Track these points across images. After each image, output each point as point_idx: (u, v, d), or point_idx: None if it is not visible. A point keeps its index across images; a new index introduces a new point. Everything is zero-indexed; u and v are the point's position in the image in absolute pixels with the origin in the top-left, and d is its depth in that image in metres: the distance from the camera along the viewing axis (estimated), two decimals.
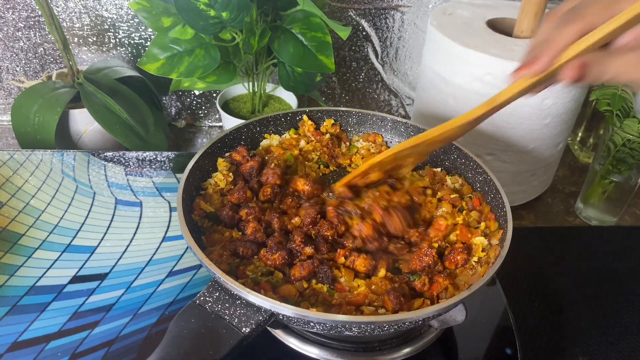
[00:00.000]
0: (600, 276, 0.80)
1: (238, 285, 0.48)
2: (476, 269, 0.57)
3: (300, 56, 0.86)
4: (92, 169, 0.85)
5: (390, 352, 0.59)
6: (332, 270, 0.56)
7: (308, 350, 0.59)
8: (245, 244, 0.59)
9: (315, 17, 0.85)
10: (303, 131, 0.77)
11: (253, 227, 0.61)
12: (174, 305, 0.65)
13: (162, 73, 0.85)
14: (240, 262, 0.57)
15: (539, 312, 0.73)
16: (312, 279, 0.56)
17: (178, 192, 0.60)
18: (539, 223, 0.93)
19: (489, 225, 0.62)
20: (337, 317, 0.47)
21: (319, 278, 0.56)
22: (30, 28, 1.03)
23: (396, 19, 1.06)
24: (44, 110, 0.90)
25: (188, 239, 0.54)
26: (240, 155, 0.70)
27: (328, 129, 0.78)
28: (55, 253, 0.70)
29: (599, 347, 0.69)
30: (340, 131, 0.79)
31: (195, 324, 0.48)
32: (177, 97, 1.13)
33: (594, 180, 0.89)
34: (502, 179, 0.65)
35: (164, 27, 0.84)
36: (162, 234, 0.74)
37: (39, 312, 0.62)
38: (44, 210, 0.76)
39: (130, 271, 0.68)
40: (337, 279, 0.56)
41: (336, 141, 0.77)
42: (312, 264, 0.56)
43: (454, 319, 0.56)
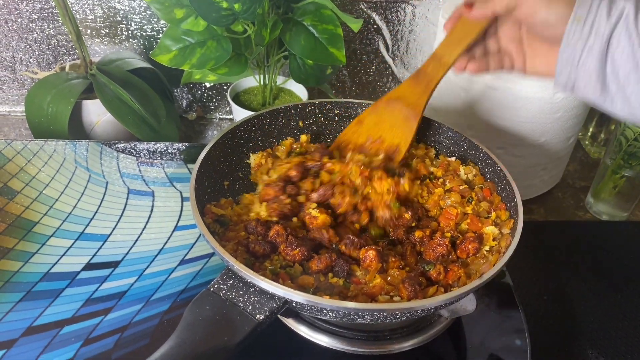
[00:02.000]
0: (610, 271, 0.80)
1: (251, 272, 0.49)
2: (487, 259, 0.57)
3: (311, 48, 0.86)
4: (105, 159, 0.85)
5: (400, 341, 0.60)
6: (349, 265, 0.56)
7: (319, 338, 0.60)
8: (261, 243, 0.58)
9: (326, 9, 0.85)
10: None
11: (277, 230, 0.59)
12: (186, 292, 0.65)
13: (174, 64, 0.85)
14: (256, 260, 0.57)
15: (548, 306, 0.73)
16: (329, 273, 0.56)
17: (190, 182, 0.60)
18: (549, 217, 0.93)
19: (499, 215, 0.62)
20: (349, 305, 0.48)
21: (335, 271, 0.56)
22: (44, 20, 1.04)
23: (407, 12, 1.06)
24: (57, 101, 0.91)
25: (201, 227, 0.54)
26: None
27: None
28: (68, 241, 0.71)
29: (608, 341, 0.69)
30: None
31: (209, 311, 0.48)
32: (188, 90, 1.14)
33: (605, 174, 0.88)
34: (513, 173, 0.65)
35: (177, 19, 0.84)
36: (174, 223, 0.75)
37: (53, 298, 0.63)
38: (57, 199, 0.77)
39: (143, 259, 0.69)
40: (354, 273, 0.56)
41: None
42: (330, 257, 0.56)
43: (465, 308, 0.56)
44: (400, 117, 0.68)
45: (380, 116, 0.69)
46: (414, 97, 0.67)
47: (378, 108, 0.70)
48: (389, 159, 0.68)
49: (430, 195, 0.67)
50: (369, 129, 0.70)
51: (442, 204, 0.65)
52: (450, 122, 0.75)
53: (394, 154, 0.68)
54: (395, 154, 0.68)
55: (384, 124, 0.69)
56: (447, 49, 0.63)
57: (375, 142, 0.69)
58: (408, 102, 0.68)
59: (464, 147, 0.72)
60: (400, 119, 0.68)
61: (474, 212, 0.63)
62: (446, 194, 0.67)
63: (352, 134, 0.71)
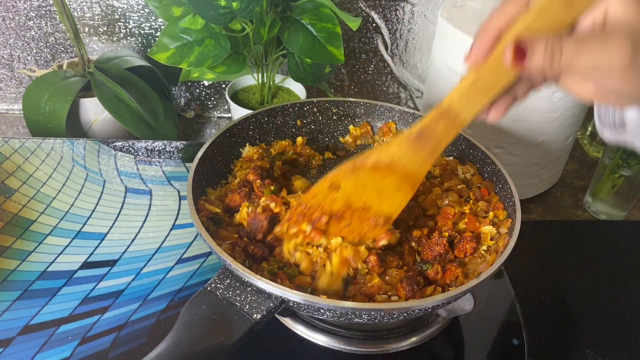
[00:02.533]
0: (608, 270, 0.80)
1: (249, 272, 0.49)
2: (485, 258, 0.57)
3: (309, 47, 0.86)
4: (102, 158, 0.85)
5: (397, 341, 0.60)
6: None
7: (316, 337, 0.60)
8: (259, 245, 0.58)
9: (325, 7, 0.85)
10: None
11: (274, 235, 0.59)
12: (183, 292, 0.65)
13: (172, 63, 0.85)
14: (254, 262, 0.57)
15: (546, 305, 0.73)
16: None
17: (188, 181, 0.60)
18: (547, 217, 0.92)
19: (497, 215, 0.62)
20: (346, 304, 0.48)
21: None
22: (42, 17, 1.04)
23: (406, 10, 1.06)
24: (55, 99, 0.91)
25: (199, 227, 0.54)
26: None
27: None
28: (65, 239, 0.71)
29: (606, 340, 0.69)
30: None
31: (206, 310, 0.48)
32: (186, 88, 1.13)
33: (603, 174, 0.88)
34: (511, 172, 0.65)
35: (175, 17, 0.84)
36: (172, 222, 0.75)
37: (50, 296, 0.63)
38: (54, 198, 0.77)
39: (140, 258, 0.69)
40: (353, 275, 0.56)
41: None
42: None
43: (462, 307, 0.56)
44: (391, 186, 0.54)
45: (362, 181, 0.54)
46: (412, 165, 0.52)
47: (359, 174, 0.54)
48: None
49: (427, 195, 0.66)
50: (348, 196, 0.55)
51: (439, 203, 0.65)
52: None
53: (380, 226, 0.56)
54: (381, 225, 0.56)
55: (368, 190, 0.55)
56: (467, 102, 0.46)
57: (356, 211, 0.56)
58: (404, 170, 0.53)
59: (462, 146, 0.72)
60: (390, 187, 0.54)
61: (472, 212, 0.63)
62: (444, 193, 0.67)
63: (324, 198, 0.55)
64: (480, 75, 0.44)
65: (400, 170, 0.53)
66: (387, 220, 0.56)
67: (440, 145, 0.50)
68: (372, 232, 0.56)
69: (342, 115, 0.79)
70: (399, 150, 0.52)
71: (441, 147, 0.51)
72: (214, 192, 0.65)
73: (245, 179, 0.65)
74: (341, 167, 0.54)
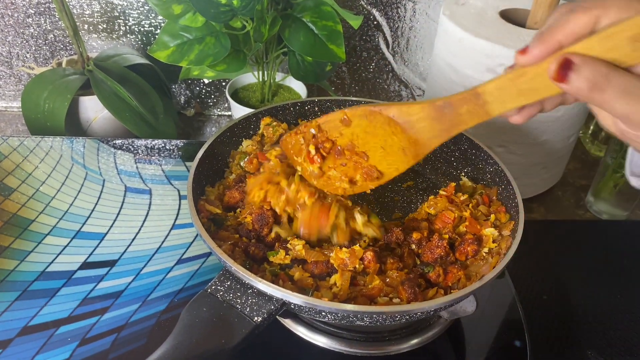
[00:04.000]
0: (610, 270, 0.79)
1: (249, 274, 0.48)
2: (487, 260, 0.57)
3: (310, 45, 0.86)
4: (102, 156, 0.85)
5: (399, 343, 0.59)
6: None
7: (317, 339, 0.59)
8: (260, 246, 0.58)
9: (326, 5, 0.85)
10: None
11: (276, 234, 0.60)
12: (183, 292, 0.65)
13: (172, 61, 0.84)
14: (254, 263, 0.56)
15: (548, 305, 0.73)
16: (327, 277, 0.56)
17: (188, 181, 0.59)
18: (549, 216, 0.92)
19: (499, 217, 0.62)
20: (348, 307, 0.47)
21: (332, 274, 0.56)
22: (41, 14, 1.03)
23: (408, 8, 1.05)
24: (54, 97, 0.90)
25: (199, 228, 0.53)
26: None
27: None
28: (65, 239, 0.70)
29: (608, 341, 0.69)
30: None
31: (207, 313, 0.48)
32: (186, 86, 1.13)
33: (605, 173, 0.88)
34: (513, 172, 0.65)
35: (175, 15, 0.83)
36: (172, 222, 0.74)
37: (49, 297, 0.63)
38: (53, 197, 0.76)
39: (140, 258, 0.69)
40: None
41: None
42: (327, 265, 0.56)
43: (464, 309, 0.56)
44: (397, 145, 0.54)
45: (374, 128, 0.54)
46: (425, 134, 0.52)
47: (375, 118, 0.54)
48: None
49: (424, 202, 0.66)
50: (356, 134, 0.56)
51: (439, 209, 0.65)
52: None
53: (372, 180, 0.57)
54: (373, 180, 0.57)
55: (375, 139, 0.55)
56: (499, 97, 0.45)
57: (356, 155, 0.57)
58: (415, 135, 0.52)
59: (465, 146, 0.72)
60: (396, 146, 0.54)
61: (472, 215, 0.63)
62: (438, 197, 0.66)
63: (335, 129, 0.57)
64: (522, 77, 0.42)
65: (412, 133, 0.52)
66: (379, 177, 0.57)
67: (458, 126, 0.49)
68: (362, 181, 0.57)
69: None
70: (419, 112, 0.51)
71: (459, 128, 0.49)
72: (213, 190, 0.64)
73: (241, 173, 0.65)
74: (359, 106, 0.55)
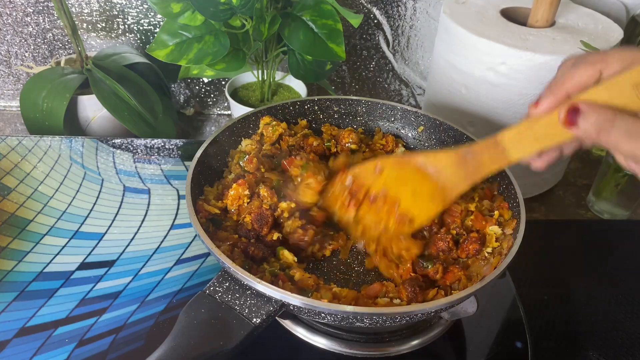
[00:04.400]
0: (612, 270, 0.79)
1: (248, 275, 0.48)
2: (489, 260, 0.56)
3: (310, 44, 0.85)
4: (101, 156, 0.84)
5: (399, 344, 0.59)
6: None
7: (316, 340, 0.59)
8: (260, 247, 0.57)
9: (326, 4, 0.84)
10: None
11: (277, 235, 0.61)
12: (182, 293, 0.64)
13: (171, 60, 0.84)
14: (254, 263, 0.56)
15: (549, 305, 0.73)
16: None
17: (187, 181, 0.59)
18: (550, 216, 0.92)
19: (502, 214, 0.62)
20: (348, 308, 0.47)
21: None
22: (39, 13, 1.02)
23: (408, 7, 1.05)
24: (53, 96, 0.90)
25: (198, 229, 0.53)
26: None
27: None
28: (63, 239, 0.70)
29: (609, 341, 0.68)
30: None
31: (205, 314, 0.48)
32: (185, 85, 1.12)
33: (607, 173, 0.87)
34: (514, 171, 0.64)
35: (174, 13, 0.83)
36: (170, 222, 0.74)
37: (47, 298, 0.62)
38: (52, 197, 0.76)
39: (138, 258, 0.68)
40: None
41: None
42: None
43: (465, 310, 0.55)
44: (426, 191, 0.56)
45: (405, 175, 0.57)
46: (450, 180, 0.55)
47: (405, 167, 0.57)
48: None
49: None
50: (388, 182, 0.58)
51: None
52: (451, 119, 0.74)
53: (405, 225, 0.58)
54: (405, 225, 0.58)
55: (405, 186, 0.57)
56: (517, 144, 0.49)
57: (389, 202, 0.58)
58: (442, 182, 0.55)
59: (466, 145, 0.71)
60: (425, 192, 0.56)
61: (477, 209, 0.63)
62: None
63: (368, 176, 0.59)
64: (537, 124, 0.46)
65: (439, 180, 0.55)
66: (412, 222, 0.57)
67: (480, 171, 0.52)
68: (396, 226, 0.58)
69: (343, 114, 0.78)
70: (445, 161, 0.54)
71: (481, 174, 0.53)
72: (212, 190, 0.64)
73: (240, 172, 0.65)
74: (390, 156, 0.60)
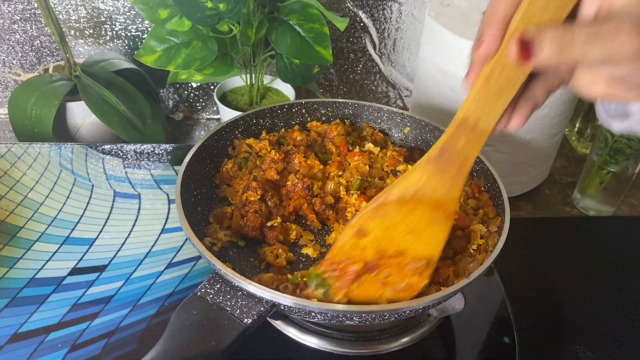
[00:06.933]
0: (598, 266, 0.80)
1: (239, 276, 0.49)
2: (475, 257, 0.57)
3: (297, 48, 0.86)
4: (90, 162, 0.85)
5: (389, 342, 0.60)
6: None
7: (308, 340, 0.59)
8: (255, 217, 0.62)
9: (312, 8, 0.85)
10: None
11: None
12: (174, 296, 0.65)
13: (159, 65, 0.84)
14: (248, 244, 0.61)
15: (536, 302, 0.74)
16: None
17: (176, 185, 0.60)
18: (536, 213, 0.93)
19: (487, 213, 0.63)
20: (337, 307, 0.48)
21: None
22: (27, 20, 1.02)
23: (394, 9, 1.06)
24: (41, 103, 0.90)
25: (188, 231, 0.54)
26: None
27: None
28: (54, 245, 0.70)
29: (596, 336, 0.69)
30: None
31: (197, 316, 0.48)
32: (174, 90, 1.13)
33: (591, 170, 0.89)
34: (501, 170, 0.65)
35: (161, 19, 0.83)
36: (161, 226, 0.74)
37: (38, 304, 0.62)
38: (42, 203, 0.76)
39: (129, 263, 0.69)
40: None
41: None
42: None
43: (453, 307, 0.56)
44: (423, 220, 0.49)
45: (391, 221, 0.49)
46: (442, 190, 0.47)
47: (385, 211, 0.49)
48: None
49: None
50: (378, 240, 0.50)
51: None
52: (438, 120, 0.75)
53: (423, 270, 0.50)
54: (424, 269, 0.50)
55: (397, 231, 0.49)
56: (483, 107, 0.42)
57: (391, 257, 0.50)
58: (433, 200, 0.48)
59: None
60: (422, 222, 0.49)
61: (462, 209, 0.64)
62: None
63: (353, 249, 0.50)
64: (491, 74, 0.40)
65: (428, 199, 0.48)
66: (429, 262, 0.50)
67: (466, 162, 0.46)
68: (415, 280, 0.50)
69: (330, 116, 0.79)
70: (422, 176, 0.47)
71: (468, 164, 0.46)
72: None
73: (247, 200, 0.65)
74: (363, 210, 0.50)
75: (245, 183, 0.65)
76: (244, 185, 0.65)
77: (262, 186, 0.65)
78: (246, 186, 0.65)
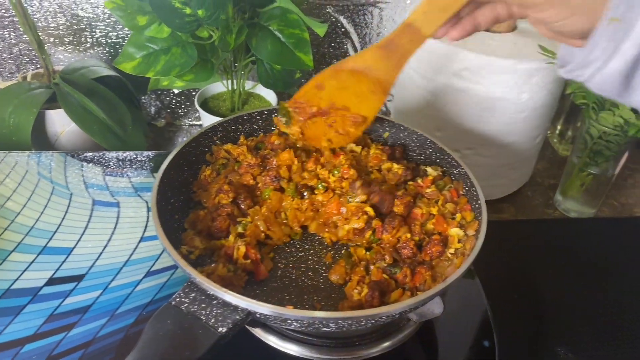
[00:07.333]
0: (579, 268, 0.81)
1: (214, 285, 0.48)
2: (452, 261, 0.57)
3: (278, 53, 0.86)
4: (70, 170, 0.84)
5: (369, 347, 0.59)
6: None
7: (287, 347, 0.59)
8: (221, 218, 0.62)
9: (292, 14, 0.85)
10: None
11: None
12: (152, 305, 0.64)
13: (138, 72, 0.84)
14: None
15: (518, 305, 0.74)
16: None
17: (152, 193, 0.59)
18: (518, 216, 0.93)
19: (465, 216, 0.63)
20: (315, 314, 0.47)
21: None
22: (5, 28, 1.02)
23: (375, 15, 1.06)
24: (20, 111, 0.89)
25: (163, 240, 0.53)
26: None
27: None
28: (31, 255, 0.69)
29: (577, 338, 0.70)
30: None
31: (171, 325, 0.47)
32: (156, 96, 1.12)
33: (572, 172, 0.89)
34: (482, 173, 0.65)
35: (140, 26, 0.83)
36: (140, 234, 0.73)
37: (14, 315, 0.61)
38: (19, 213, 0.75)
39: (108, 272, 0.68)
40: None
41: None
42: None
43: (432, 311, 0.56)
44: (366, 89, 0.62)
45: (343, 83, 0.62)
46: (382, 72, 0.60)
47: (340, 75, 0.62)
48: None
49: None
50: (331, 95, 0.64)
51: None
52: (419, 125, 0.75)
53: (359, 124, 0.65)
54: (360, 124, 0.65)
55: (347, 92, 0.63)
56: (427, 18, 0.53)
57: (339, 109, 0.64)
58: (376, 76, 0.60)
59: (430, 149, 0.72)
60: (365, 90, 0.62)
61: (440, 213, 0.64)
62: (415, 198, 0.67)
63: (313, 97, 0.64)
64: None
65: (373, 76, 0.60)
66: (365, 120, 0.64)
67: (405, 56, 0.57)
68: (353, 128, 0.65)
69: None
70: (371, 57, 0.59)
71: (406, 57, 0.58)
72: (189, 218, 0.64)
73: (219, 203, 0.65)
74: (325, 70, 0.63)
75: (219, 186, 0.65)
76: (217, 188, 0.65)
77: (234, 189, 0.64)
78: (219, 189, 0.64)
